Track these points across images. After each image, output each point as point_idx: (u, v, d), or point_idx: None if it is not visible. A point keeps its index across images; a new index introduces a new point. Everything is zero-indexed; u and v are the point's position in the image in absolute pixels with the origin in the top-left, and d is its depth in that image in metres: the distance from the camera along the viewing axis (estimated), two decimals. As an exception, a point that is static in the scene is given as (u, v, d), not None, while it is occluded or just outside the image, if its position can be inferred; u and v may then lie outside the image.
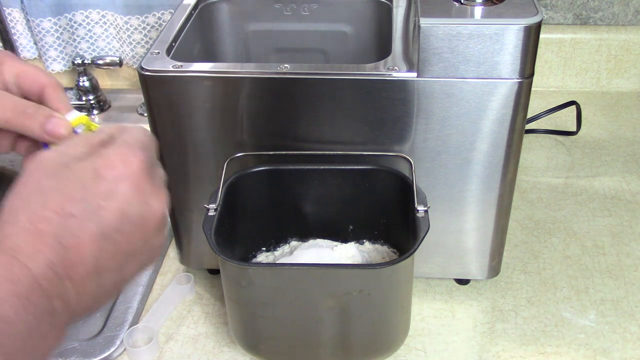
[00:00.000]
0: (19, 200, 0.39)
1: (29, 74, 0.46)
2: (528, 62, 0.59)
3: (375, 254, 0.71)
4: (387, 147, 0.65)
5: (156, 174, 0.43)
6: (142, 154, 0.41)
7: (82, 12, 1.07)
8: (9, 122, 0.44)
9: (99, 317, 0.74)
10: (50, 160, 0.40)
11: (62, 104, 0.47)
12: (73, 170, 0.39)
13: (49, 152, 0.41)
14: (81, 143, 0.42)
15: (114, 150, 0.41)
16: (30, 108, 0.45)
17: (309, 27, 0.82)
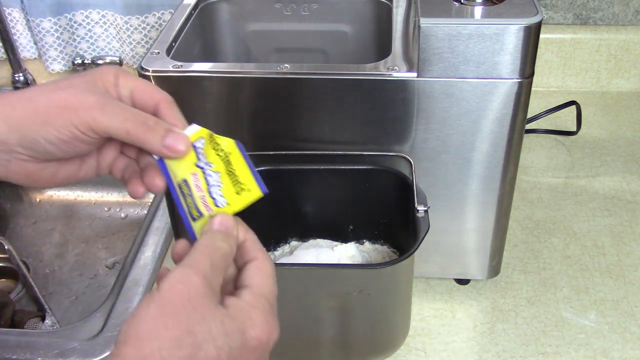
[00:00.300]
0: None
1: (144, 89, 0.46)
2: (528, 62, 0.59)
3: (375, 254, 0.71)
4: (387, 147, 0.65)
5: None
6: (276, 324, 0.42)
7: (82, 12, 1.07)
8: (130, 133, 0.43)
9: (99, 317, 0.74)
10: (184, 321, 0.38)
11: (177, 120, 0.46)
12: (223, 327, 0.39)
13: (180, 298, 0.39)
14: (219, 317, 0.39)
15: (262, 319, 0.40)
16: (151, 120, 0.44)
17: (309, 27, 0.82)
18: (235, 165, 0.46)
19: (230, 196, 0.45)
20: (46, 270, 0.98)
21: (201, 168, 0.46)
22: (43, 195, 1.10)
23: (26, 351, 0.70)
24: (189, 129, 0.46)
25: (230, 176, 0.46)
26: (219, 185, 0.46)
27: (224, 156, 0.46)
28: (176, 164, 0.45)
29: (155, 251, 0.83)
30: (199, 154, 0.46)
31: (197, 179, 0.45)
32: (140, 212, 1.07)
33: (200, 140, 0.46)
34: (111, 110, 0.43)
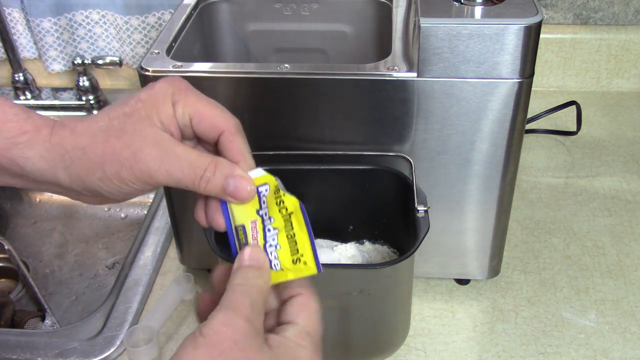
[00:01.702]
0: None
1: (205, 116, 0.43)
2: (528, 62, 0.59)
3: (375, 254, 0.71)
4: (387, 147, 0.65)
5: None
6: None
7: (82, 12, 1.07)
8: (188, 187, 0.41)
9: (99, 317, 0.74)
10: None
11: (241, 155, 0.44)
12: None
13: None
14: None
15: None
16: (210, 170, 0.41)
17: (309, 27, 0.82)
18: (296, 229, 0.44)
19: (285, 262, 0.44)
20: (46, 270, 0.98)
21: (261, 217, 0.44)
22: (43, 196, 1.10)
23: (26, 351, 0.70)
24: (254, 172, 0.44)
25: (289, 240, 0.44)
26: (276, 247, 0.44)
27: (285, 214, 0.44)
28: (237, 206, 0.43)
29: (155, 251, 0.83)
30: (262, 201, 0.44)
31: (255, 229, 0.44)
32: (140, 212, 1.07)
33: (264, 186, 0.44)
34: (168, 164, 0.41)
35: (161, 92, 0.43)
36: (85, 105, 1.08)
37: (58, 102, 1.10)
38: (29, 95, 1.10)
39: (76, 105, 1.08)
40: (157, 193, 0.94)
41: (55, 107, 1.09)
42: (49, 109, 1.09)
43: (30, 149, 0.42)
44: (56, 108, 1.09)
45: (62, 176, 0.42)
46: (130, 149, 0.41)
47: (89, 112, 1.08)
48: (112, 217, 1.07)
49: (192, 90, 0.44)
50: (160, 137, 0.41)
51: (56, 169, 0.42)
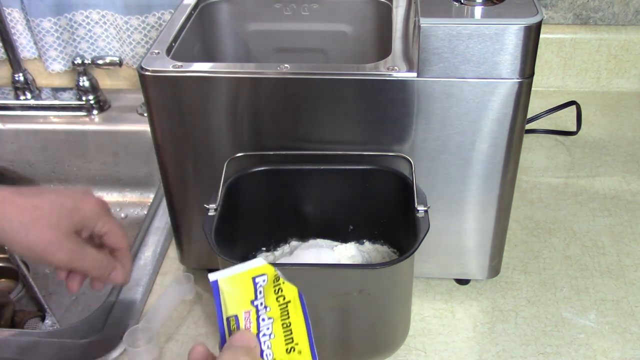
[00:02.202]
0: None
1: (115, 235, 0.60)
2: (528, 62, 0.59)
3: (375, 254, 0.71)
4: (387, 147, 0.65)
5: None
6: None
7: (82, 12, 1.07)
8: (88, 271, 0.58)
9: (99, 317, 0.74)
10: None
11: (127, 261, 0.61)
12: None
13: None
14: None
15: None
16: (104, 262, 0.59)
17: (309, 27, 0.82)
18: (293, 318, 0.44)
19: (278, 351, 0.43)
20: (46, 270, 0.98)
21: (256, 307, 0.44)
22: (43, 195, 1.10)
23: (26, 351, 0.70)
24: (254, 262, 0.45)
25: (284, 329, 0.44)
26: (270, 336, 0.44)
27: (282, 303, 0.45)
28: (231, 294, 0.44)
29: (155, 251, 0.83)
30: (258, 291, 0.45)
31: (248, 320, 0.44)
32: (140, 212, 1.07)
33: (262, 277, 0.45)
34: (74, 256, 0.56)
35: (92, 212, 0.58)
36: (85, 105, 1.08)
37: (58, 102, 1.10)
38: (29, 95, 1.10)
39: (76, 105, 1.08)
40: (157, 193, 0.94)
41: (55, 107, 1.09)
42: (49, 109, 1.09)
43: None
44: (56, 108, 1.09)
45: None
46: (43, 240, 0.54)
47: (89, 112, 1.08)
48: (112, 217, 1.07)
49: (110, 214, 0.60)
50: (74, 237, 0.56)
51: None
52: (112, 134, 1.06)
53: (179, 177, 0.69)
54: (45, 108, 1.09)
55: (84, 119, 1.07)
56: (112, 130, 1.06)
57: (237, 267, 0.46)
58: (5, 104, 1.10)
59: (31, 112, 1.09)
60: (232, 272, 0.46)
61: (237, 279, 0.46)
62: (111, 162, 1.08)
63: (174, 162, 0.68)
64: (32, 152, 1.08)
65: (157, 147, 0.68)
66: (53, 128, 1.07)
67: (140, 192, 1.10)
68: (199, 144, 0.66)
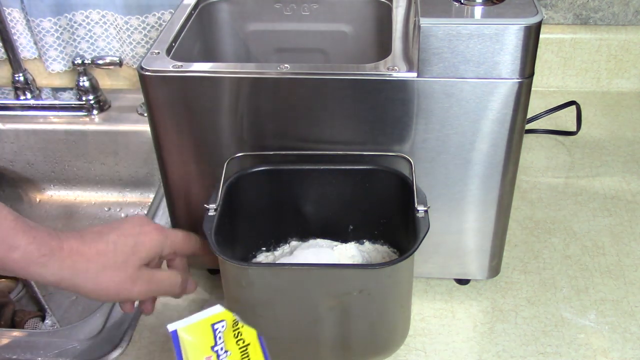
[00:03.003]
0: None
1: (181, 252, 0.63)
2: (528, 62, 0.59)
3: (375, 254, 0.71)
4: (387, 147, 0.65)
5: None
6: None
7: (82, 12, 1.07)
8: (165, 294, 0.61)
9: (99, 317, 0.74)
10: None
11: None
12: None
13: None
14: None
15: None
16: (177, 280, 0.62)
17: (309, 27, 0.82)
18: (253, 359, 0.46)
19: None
20: (46, 270, 0.98)
21: (216, 353, 0.45)
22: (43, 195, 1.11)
23: (26, 351, 0.70)
24: (211, 310, 0.47)
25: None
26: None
27: (242, 346, 0.46)
28: (191, 342, 0.45)
29: (155, 251, 0.83)
30: (217, 337, 0.46)
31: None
32: (140, 213, 1.07)
33: (221, 323, 0.47)
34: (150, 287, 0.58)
35: (156, 247, 0.59)
36: (85, 105, 1.08)
37: (58, 102, 1.10)
38: (29, 95, 1.10)
39: (76, 105, 1.08)
40: (157, 193, 0.94)
41: (55, 107, 1.09)
42: (49, 109, 1.09)
43: (46, 272, 0.53)
44: (56, 108, 1.09)
45: (62, 286, 0.54)
46: (118, 286, 0.56)
47: (89, 112, 1.08)
48: (112, 217, 1.07)
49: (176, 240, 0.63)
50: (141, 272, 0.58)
51: (60, 283, 0.54)
52: (112, 134, 1.06)
53: (179, 177, 0.69)
54: (45, 108, 1.09)
55: (84, 119, 1.07)
56: (112, 130, 1.06)
57: (195, 316, 0.48)
58: (5, 104, 1.10)
59: (31, 112, 1.09)
60: (190, 321, 0.47)
61: (196, 327, 0.47)
62: (111, 162, 1.08)
63: (174, 162, 0.68)
64: (32, 152, 1.08)
65: (157, 147, 0.68)
66: (53, 128, 1.07)
67: (140, 192, 1.10)
68: (199, 144, 0.66)
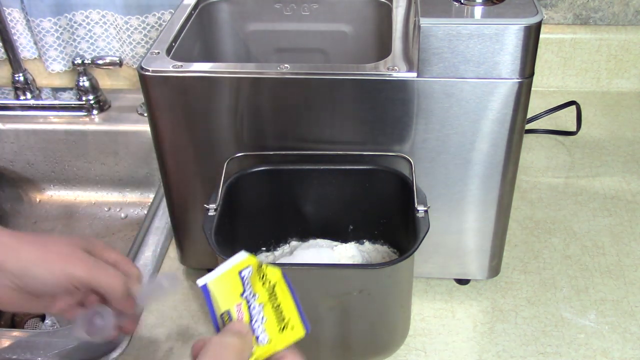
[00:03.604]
0: None
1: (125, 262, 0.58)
2: (528, 62, 0.59)
3: (375, 254, 0.71)
4: (387, 147, 0.65)
5: None
6: None
7: (82, 12, 1.07)
8: (108, 288, 0.54)
9: (99, 317, 0.74)
10: None
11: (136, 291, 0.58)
12: None
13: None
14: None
15: None
16: (121, 278, 0.55)
17: (309, 27, 0.82)
18: (281, 298, 0.46)
19: (273, 332, 0.45)
20: (46, 270, 0.98)
21: (246, 299, 0.46)
22: (43, 195, 1.11)
23: (26, 351, 0.70)
24: (238, 257, 0.47)
25: (275, 310, 0.46)
26: (262, 320, 0.45)
27: (269, 287, 0.47)
28: (221, 293, 0.46)
29: (155, 251, 0.83)
30: (245, 284, 0.46)
31: (240, 312, 0.46)
32: (140, 212, 1.07)
33: (247, 269, 0.47)
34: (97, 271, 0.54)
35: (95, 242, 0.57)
36: (85, 105, 1.08)
37: (58, 102, 1.10)
38: (29, 95, 1.10)
39: (76, 105, 1.08)
40: (157, 193, 0.94)
41: (55, 107, 1.09)
42: (49, 109, 1.09)
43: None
44: (56, 108, 1.09)
45: (13, 262, 0.52)
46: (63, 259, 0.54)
47: (89, 112, 1.08)
48: (112, 217, 1.07)
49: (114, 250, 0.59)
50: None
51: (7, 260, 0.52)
52: (112, 134, 1.06)
53: (179, 177, 0.69)
54: (45, 108, 1.09)
55: (84, 119, 1.07)
56: (112, 130, 1.06)
57: (222, 267, 0.47)
58: (5, 104, 1.10)
59: (31, 112, 1.09)
60: (218, 272, 0.47)
61: (225, 277, 0.47)
62: (111, 162, 1.08)
63: (174, 162, 0.68)
64: (32, 152, 1.08)
65: (157, 147, 0.68)
66: (53, 128, 1.07)
67: (140, 192, 1.10)
68: (199, 144, 0.66)
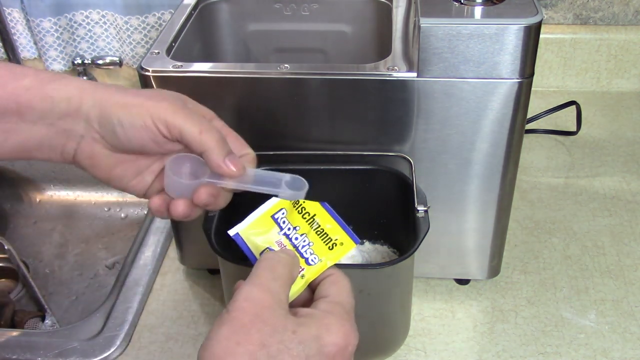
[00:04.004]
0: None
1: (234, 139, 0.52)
2: (528, 62, 0.59)
3: (375, 254, 0.71)
4: (387, 147, 0.65)
5: None
6: (356, 336, 0.42)
7: (82, 12, 1.07)
8: (202, 133, 0.46)
9: (99, 317, 0.74)
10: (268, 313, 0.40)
11: (243, 147, 0.52)
12: (296, 335, 0.39)
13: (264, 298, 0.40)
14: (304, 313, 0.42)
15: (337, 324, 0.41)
16: (222, 135, 0.48)
17: (309, 27, 0.82)
18: (323, 224, 0.49)
19: (322, 252, 0.47)
20: (46, 270, 0.98)
21: (285, 235, 0.48)
22: (43, 195, 1.11)
23: (26, 351, 0.70)
24: (267, 203, 0.48)
25: (319, 234, 0.48)
26: (309, 244, 0.47)
27: (309, 218, 0.49)
28: (257, 236, 0.48)
29: (155, 251, 0.83)
30: (280, 224, 0.48)
31: (282, 244, 0.47)
32: (140, 212, 1.07)
33: (281, 211, 0.49)
34: (191, 116, 0.46)
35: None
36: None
37: (58, 102, 1.10)
38: (29, 95, 1.10)
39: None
40: (157, 193, 0.94)
41: (55, 107, 1.09)
42: (49, 109, 1.09)
43: (64, 85, 0.47)
44: (56, 108, 1.09)
45: (88, 102, 0.46)
46: (163, 101, 0.47)
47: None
48: (112, 217, 1.07)
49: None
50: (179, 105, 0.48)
51: (84, 96, 0.47)
52: (112, 134, 1.06)
53: (179, 177, 0.69)
54: (45, 108, 1.09)
55: (84, 119, 1.07)
56: (112, 130, 1.06)
57: (252, 215, 0.49)
58: (5, 104, 1.09)
59: (31, 112, 1.09)
60: (249, 220, 0.49)
61: (257, 223, 0.48)
62: (111, 162, 1.07)
63: (174, 162, 0.68)
64: (32, 152, 1.08)
65: (157, 147, 0.68)
66: (53, 128, 1.07)
67: (140, 192, 1.10)
68: (199, 144, 0.66)
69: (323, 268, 0.45)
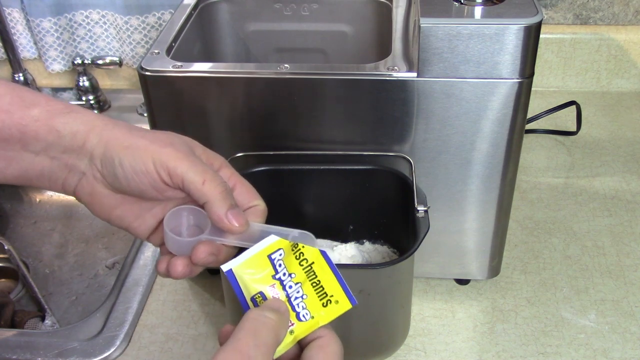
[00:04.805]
0: None
1: (244, 189, 0.49)
2: (528, 62, 0.59)
3: (375, 254, 0.71)
4: (387, 147, 0.65)
5: None
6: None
7: (82, 12, 1.07)
8: (205, 184, 0.44)
9: (99, 317, 0.74)
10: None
11: (252, 196, 0.49)
12: None
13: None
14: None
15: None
16: (227, 187, 0.46)
17: (309, 27, 0.82)
18: (321, 275, 0.45)
19: (315, 309, 0.43)
20: (46, 270, 0.98)
21: (279, 280, 0.44)
22: (43, 196, 1.10)
23: (26, 351, 0.70)
24: (265, 241, 0.45)
25: (314, 287, 0.44)
26: (302, 297, 0.44)
27: (307, 266, 0.45)
28: (250, 276, 0.44)
29: (156, 251, 0.83)
30: (276, 266, 0.45)
31: (275, 291, 0.44)
32: (140, 212, 1.07)
33: (278, 252, 0.45)
34: (195, 164, 0.45)
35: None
36: (85, 105, 1.08)
37: (58, 102, 1.10)
38: (29, 95, 1.10)
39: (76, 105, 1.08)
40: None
41: (55, 107, 1.09)
42: (49, 109, 1.09)
43: (73, 119, 0.46)
44: (56, 108, 1.09)
45: (93, 140, 0.45)
46: (169, 147, 0.45)
47: (89, 112, 1.08)
48: (112, 217, 1.07)
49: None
50: (184, 151, 0.46)
51: (91, 133, 0.46)
52: (112, 134, 1.06)
53: (179, 177, 0.69)
54: (45, 108, 1.09)
55: (84, 119, 1.07)
56: (112, 130, 1.06)
57: (248, 252, 0.45)
58: (5, 104, 1.09)
59: (31, 112, 1.09)
60: (244, 257, 0.45)
61: (252, 261, 0.45)
62: (111, 162, 1.07)
63: (174, 162, 0.68)
64: (32, 152, 1.08)
65: (157, 147, 0.68)
66: (53, 128, 1.07)
67: (140, 192, 1.10)
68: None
69: (314, 327, 0.43)
